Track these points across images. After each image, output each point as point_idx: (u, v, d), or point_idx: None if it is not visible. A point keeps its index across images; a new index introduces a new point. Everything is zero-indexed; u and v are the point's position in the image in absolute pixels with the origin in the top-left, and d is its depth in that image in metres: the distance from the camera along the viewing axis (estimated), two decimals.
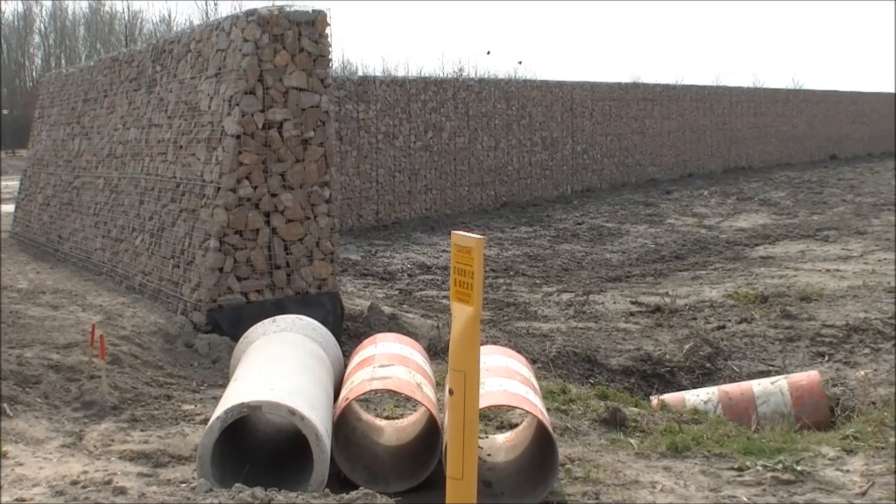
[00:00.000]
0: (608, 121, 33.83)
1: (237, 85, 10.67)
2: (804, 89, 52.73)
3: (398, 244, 21.30)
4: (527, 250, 20.64)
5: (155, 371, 9.06)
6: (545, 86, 31.11)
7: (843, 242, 20.95)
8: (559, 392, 8.88)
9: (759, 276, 17.06)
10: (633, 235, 22.99)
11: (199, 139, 11.49)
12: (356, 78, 24.77)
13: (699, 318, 13.88)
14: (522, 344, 11.79)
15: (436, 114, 26.22)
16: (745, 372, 11.56)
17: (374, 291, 15.59)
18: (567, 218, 26.09)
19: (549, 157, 30.81)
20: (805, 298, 14.62)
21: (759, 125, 43.99)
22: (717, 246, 21.15)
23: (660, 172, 36.64)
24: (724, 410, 9.55)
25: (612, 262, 19.44)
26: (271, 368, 6.76)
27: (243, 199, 10.59)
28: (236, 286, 10.58)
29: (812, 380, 9.78)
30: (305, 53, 10.91)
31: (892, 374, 10.90)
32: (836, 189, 33.36)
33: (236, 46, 10.87)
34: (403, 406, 8.27)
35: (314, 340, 7.96)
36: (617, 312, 14.43)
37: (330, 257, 11.26)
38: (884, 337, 12.42)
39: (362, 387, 6.66)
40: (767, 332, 12.91)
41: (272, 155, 10.73)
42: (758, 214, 27.00)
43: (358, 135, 23.77)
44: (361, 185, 23.84)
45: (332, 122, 11.58)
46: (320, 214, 11.13)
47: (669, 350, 12.11)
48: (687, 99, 38.84)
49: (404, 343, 8.05)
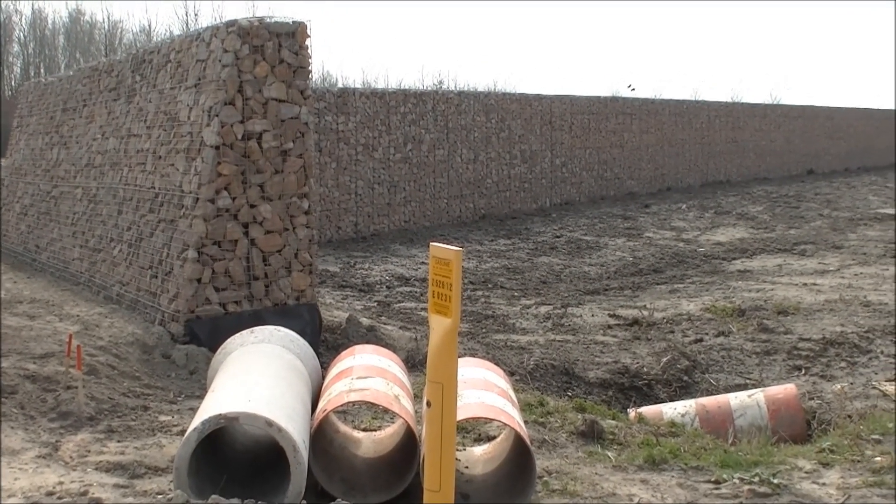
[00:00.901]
0: (587, 134, 33.93)
1: (217, 95, 10.66)
2: (782, 104, 53.06)
3: (377, 256, 21.30)
4: (505, 263, 20.66)
5: (132, 382, 9.02)
6: (524, 99, 31.18)
7: (820, 256, 21.05)
8: (537, 404, 8.89)
9: (736, 290, 17.12)
10: (612, 249, 23.04)
11: (178, 149, 11.47)
12: (336, 90, 24.78)
13: (677, 331, 13.92)
14: (500, 356, 11.80)
15: (415, 126, 26.25)
16: (722, 385, 11.60)
17: (353, 303, 15.58)
18: (545, 231, 26.13)
19: (527, 170, 30.87)
20: (782, 312, 14.68)
21: (737, 139, 44.17)
22: (695, 259, 21.22)
23: (638, 186, 36.75)
24: (702, 423, 9.57)
25: (590, 275, 19.48)
26: (249, 380, 6.74)
27: (222, 210, 10.57)
28: (214, 297, 10.55)
29: (789, 393, 9.83)
30: (285, 65, 10.91)
31: (869, 387, 10.96)
32: (813, 203, 33.52)
33: (216, 57, 10.86)
34: (381, 418, 8.27)
35: (292, 352, 7.94)
36: (595, 325, 14.46)
37: (308, 269, 11.25)
38: (860, 350, 12.49)
39: (340, 398, 6.65)
40: (745, 345, 12.96)
41: (251, 166, 10.72)
42: (735, 228, 27.10)
43: (337, 146, 23.77)
44: (340, 196, 23.84)
45: (312, 134, 11.57)
46: (299, 226, 11.12)
47: (647, 363, 12.14)
48: (665, 113, 38.98)
49: (382, 355, 8.04)
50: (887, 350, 12.48)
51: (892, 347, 12.59)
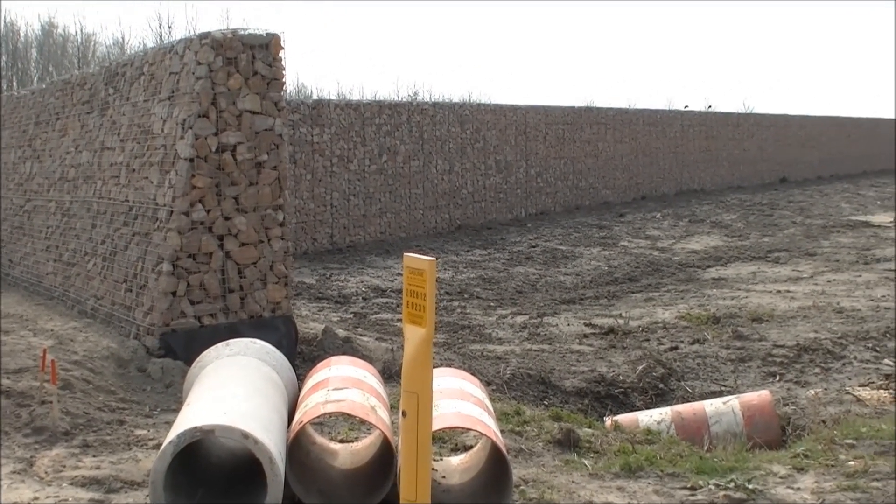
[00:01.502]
0: (562, 144, 34.00)
1: (190, 108, 10.64)
2: (755, 113, 53.26)
3: (353, 267, 21.28)
4: (481, 273, 20.68)
5: (107, 396, 8.99)
6: (499, 109, 31.24)
7: (794, 264, 21.16)
8: (513, 414, 8.90)
9: (711, 298, 17.18)
10: (587, 258, 23.09)
11: (151, 162, 11.45)
12: (310, 101, 24.76)
13: (652, 339, 13.96)
14: (477, 366, 11.81)
15: (390, 137, 26.26)
16: (697, 392, 11.64)
17: (329, 315, 15.57)
18: (521, 241, 26.16)
19: (503, 180, 30.91)
20: (756, 319, 14.75)
21: (711, 149, 44.35)
22: (670, 268, 21.29)
23: (613, 195, 36.85)
24: (677, 430, 9.60)
25: (565, 284, 19.52)
26: (224, 392, 6.73)
27: (196, 223, 10.55)
28: (189, 310, 10.53)
29: (763, 399, 9.87)
30: (259, 77, 10.91)
31: (842, 393, 11.02)
32: (786, 211, 33.70)
33: (189, 69, 10.84)
34: (358, 429, 8.26)
35: (268, 364, 7.93)
36: (571, 334, 14.49)
37: (284, 281, 11.24)
38: (833, 356, 12.56)
39: (316, 410, 6.65)
40: (719, 352, 13.01)
41: (225, 178, 10.71)
42: (710, 236, 27.21)
43: (312, 158, 23.75)
44: (316, 208, 23.82)
45: (286, 146, 11.57)
46: (274, 238, 11.11)
47: (623, 371, 12.18)
48: (639, 123, 39.11)
49: (358, 366, 8.04)
50: (860, 356, 12.56)
51: (866, 353, 12.67)
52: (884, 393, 10.84)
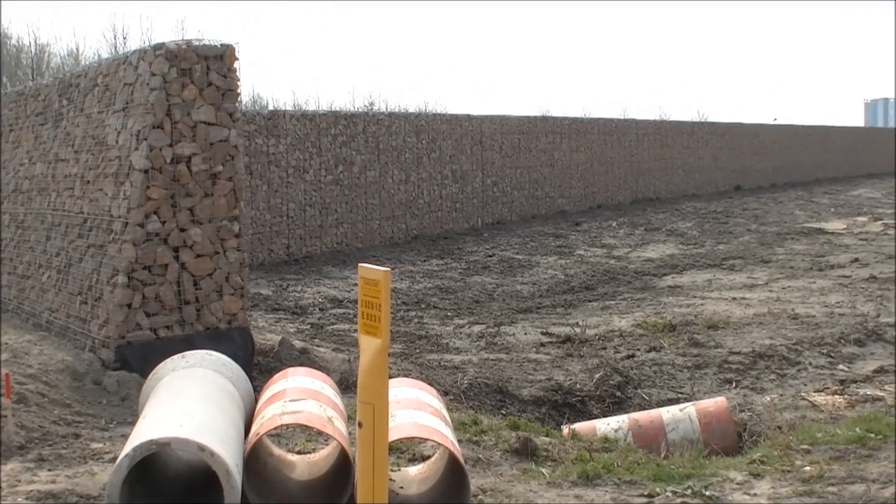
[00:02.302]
0: (517, 154, 34.08)
1: (145, 119, 10.60)
2: (709, 122, 53.67)
3: (309, 278, 21.23)
4: (438, 283, 20.69)
5: (63, 409, 8.93)
6: (455, 119, 31.28)
7: (749, 271, 21.31)
8: (471, 423, 8.92)
9: (667, 306, 17.27)
10: (544, 267, 23.14)
11: (106, 174, 11.39)
12: (266, 112, 24.70)
13: (609, 347, 14.01)
14: (434, 376, 11.82)
15: (346, 148, 26.23)
16: (654, 400, 11.69)
17: (286, 326, 15.52)
18: (478, 250, 26.19)
19: (459, 190, 30.96)
20: (712, 326, 14.83)
21: (666, 157, 44.61)
22: (626, 276, 21.37)
23: (569, 204, 36.97)
24: (635, 438, 9.65)
25: (522, 293, 19.56)
26: (180, 405, 6.71)
27: (151, 235, 10.50)
28: (145, 322, 10.48)
29: (719, 406, 9.94)
30: (214, 87, 10.88)
31: (798, 398, 11.11)
32: (741, 219, 33.93)
33: (144, 80, 10.80)
34: (315, 440, 8.25)
35: (224, 376, 7.91)
36: (528, 343, 14.52)
37: (240, 292, 11.20)
38: (789, 363, 12.66)
39: (273, 421, 6.64)
40: (676, 360, 13.08)
41: (181, 189, 10.67)
42: (665, 245, 27.35)
43: (268, 169, 23.69)
44: (272, 219, 23.76)
45: (242, 157, 11.54)
46: (230, 249, 11.07)
47: (580, 379, 12.21)
48: (595, 132, 39.27)
49: (315, 377, 8.04)
50: (815, 362, 12.66)
51: (821, 359, 12.78)
52: (838, 398, 10.94)
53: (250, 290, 14.10)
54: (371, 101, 40.90)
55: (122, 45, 45.59)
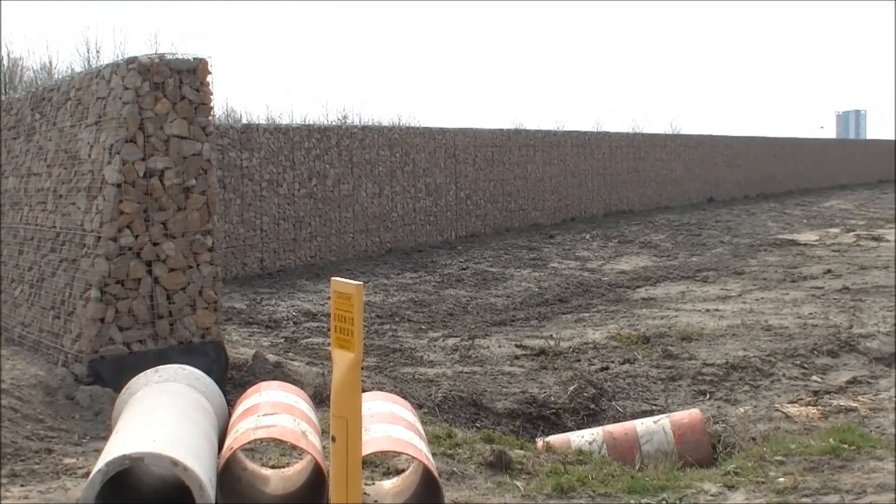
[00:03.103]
0: (491, 167, 34.13)
1: (117, 133, 10.57)
2: (681, 134, 53.88)
3: (283, 292, 21.19)
4: (412, 296, 20.68)
5: (35, 424, 8.88)
6: (428, 132, 31.30)
7: (722, 283, 21.40)
8: (445, 436, 8.91)
9: (640, 318, 17.32)
10: (517, 280, 23.17)
11: (79, 188, 11.34)
12: (239, 126, 24.67)
13: (583, 359, 14.03)
14: (408, 389, 11.81)
15: (320, 161, 26.22)
16: (628, 412, 11.72)
17: (260, 340, 15.48)
18: (452, 263, 26.21)
19: (433, 203, 30.97)
20: (686, 338, 14.89)
21: (639, 169, 44.76)
22: (600, 288, 21.43)
23: (542, 217, 37.03)
24: (609, 450, 9.66)
25: (496, 306, 19.58)
26: (153, 419, 6.68)
27: (124, 249, 10.46)
28: (118, 336, 10.43)
29: (693, 418, 9.97)
30: (187, 101, 10.85)
31: (771, 410, 11.16)
32: (714, 231, 34.09)
33: (116, 94, 10.77)
34: (289, 454, 8.23)
35: (197, 390, 7.88)
36: (502, 356, 14.53)
37: (213, 306, 11.17)
38: (762, 374, 12.72)
39: (247, 436, 6.62)
40: (650, 372, 13.11)
41: (154, 203, 10.63)
42: (639, 257, 27.43)
43: (241, 182, 23.65)
44: (245, 232, 23.71)
45: (215, 170, 11.53)
46: (203, 263, 11.04)
47: (554, 392, 12.22)
48: (568, 145, 39.36)
49: (289, 391, 8.02)
50: (789, 373, 12.73)
51: (794, 370, 12.84)
52: (812, 409, 10.99)
53: (224, 304, 14.05)
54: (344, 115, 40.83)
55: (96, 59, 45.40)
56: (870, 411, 10.69)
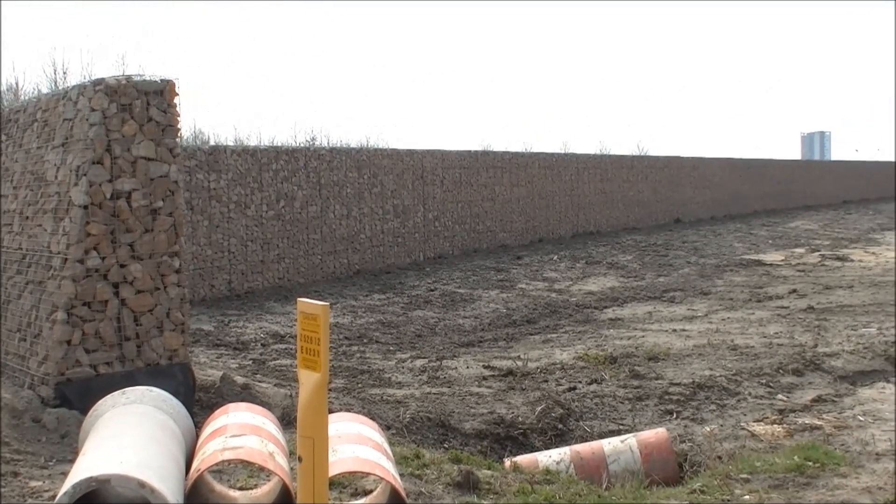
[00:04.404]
0: (459, 188, 34.20)
1: (84, 155, 10.55)
2: (648, 155, 54.08)
3: (251, 314, 21.14)
4: (380, 317, 20.68)
5: (1, 448, 8.84)
6: (396, 154, 31.34)
7: (689, 303, 21.52)
8: (413, 457, 8.92)
9: (608, 338, 17.38)
10: (485, 301, 23.20)
11: (45, 210, 11.31)
12: (207, 147, 24.62)
13: (550, 380, 14.07)
14: (377, 411, 11.81)
15: (287, 183, 26.21)
16: (596, 432, 11.76)
17: (227, 362, 15.45)
18: (420, 284, 26.22)
19: (400, 224, 31.00)
20: (653, 358, 14.96)
21: (606, 191, 44.93)
22: (568, 309, 21.49)
23: (510, 238, 37.11)
24: (576, 470, 9.70)
25: (464, 327, 19.60)
26: (120, 441, 6.67)
27: (91, 270, 10.43)
28: (85, 359, 10.39)
29: (660, 437, 10.02)
30: (154, 123, 10.85)
31: (737, 428, 11.23)
32: (680, 251, 34.25)
33: (83, 116, 10.75)
34: (257, 476, 8.22)
35: (165, 412, 7.87)
36: (470, 377, 14.55)
37: (181, 328, 11.14)
38: (728, 393, 12.79)
39: (214, 457, 6.62)
40: (617, 391, 13.16)
41: (120, 225, 10.62)
42: (606, 277, 27.53)
43: (209, 204, 23.61)
44: (213, 254, 23.66)
45: (182, 192, 11.51)
46: (170, 285, 11.02)
47: (522, 412, 12.25)
48: (535, 166, 39.48)
49: (256, 412, 8.02)
50: (755, 392, 12.81)
51: (760, 389, 12.92)
52: (777, 428, 11.07)
53: (192, 326, 14.03)
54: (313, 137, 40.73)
55: (63, 81, 45.24)
56: (834, 429, 10.78)
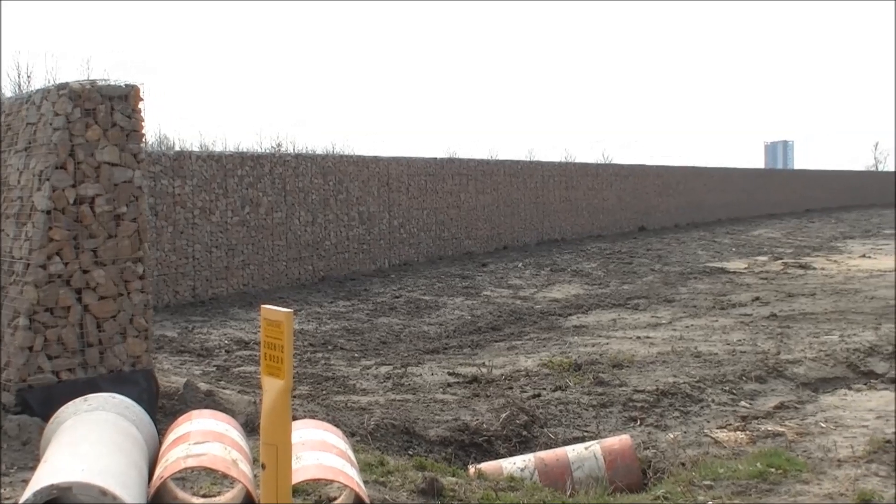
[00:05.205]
0: (424, 195, 34.21)
1: (47, 159, 10.48)
2: (613, 164, 54.39)
3: (215, 320, 21.06)
4: (345, 324, 20.65)
5: None
6: (361, 161, 31.32)
7: (653, 310, 21.61)
8: (377, 464, 8.91)
9: (572, 345, 17.42)
10: (450, 308, 23.21)
11: (7, 215, 11.23)
12: (172, 153, 24.55)
13: (515, 387, 14.08)
14: (341, 417, 11.78)
15: (252, 189, 26.14)
16: (560, 438, 11.77)
17: (191, 368, 15.38)
18: (385, 291, 26.20)
19: (366, 231, 30.97)
20: (617, 365, 15.00)
21: (571, 198, 45.06)
22: (532, 316, 21.52)
23: (475, 245, 37.15)
24: (541, 477, 9.70)
25: (429, 334, 19.60)
26: (82, 448, 6.62)
27: (54, 276, 10.36)
28: (47, 365, 10.31)
29: (624, 444, 10.05)
30: (118, 128, 10.79)
31: (701, 435, 11.27)
32: (645, 259, 34.39)
33: (47, 120, 10.69)
34: (221, 483, 8.18)
35: (127, 419, 7.82)
36: (435, 384, 14.55)
37: (144, 334, 11.08)
38: (692, 400, 12.84)
39: (177, 464, 6.59)
40: (581, 398, 13.19)
41: (84, 231, 10.55)
42: (571, 285, 27.59)
43: (174, 210, 23.51)
44: (178, 260, 23.55)
45: (146, 198, 11.46)
46: (134, 291, 10.96)
47: (486, 419, 12.25)
48: (501, 173, 39.56)
49: (220, 419, 7.99)
50: (718, 399, 12.87)
51: (723, 396, 12.98)
52: (740, 434, 11.13)
53: (155, 333, 13.95)
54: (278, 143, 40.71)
55: (26, 85, 45.03)
56: (797, 436, 10.85)
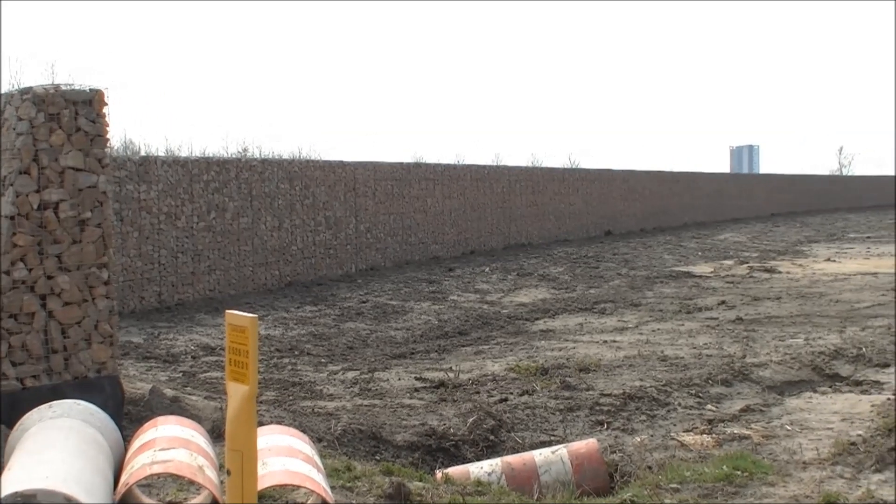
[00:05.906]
0: (391, 200, 34.21)
1: (11, 164, 10.41)
2: (579, 168, 54.57)
3: (182, 326, 20.97)
4: (312, 329, 20.61)
5: None
6: (328, 166, 31.28)
7: (619, 314, 21.68)
8: (344, 470, 8.89)
9: (539, 349, 17.45)
10: (417, 312, 23.20)
11: None
12: (137, 158, 24.41)
13: (482, 391, 14.09)
14: (308, 423, 11.76)
15: (218, 194, 26.05)
16: (527, 443, 11.78)
17: (157, 374, 15.30)
18: (352, 296, 26.16)
19: (332, 236, 30.93)
20: (584, 369, 15.03)
21: (538, 203, 45.16)
22: (499, 321, 21.55)
23: (442, 250, 37.18)
24: (508, 481, 9.71)
25: (396, 339, 19.58)
26: (46, 455, 6.59)
27: (18, 282, 10.29)
28: (11, 372, 10.23)
29: (591, 448, 10.06)
30: (82, 133, 10.73)
31: (667, 438, 11.32)
32: (611, 263, 34.51)
33: (10, 125, 10.61)
34: (187, 490, 8.14)
35: (92, 426, 7.79)
36: (402, 389, 14.54)
37: (109, 340, 11.01)
38: (658, 404, 12.89)
39: (143, 471, 6.56)
40: (548, 403, 13.20)
41: (48, 236, 10.48)
42: (537, 289, 27.64)
43: (139, 215, 23.40)
44: (143, 266, 23.44)
45: (111, 203, 11.39)
46: (99, 297, 10.89)
47: (454, 424, 12.25)
48: (467, 178, 39.61)
49: (186, 426, 7.96)
50: (684, 402, 12.92)
51: (689, 399, 13.03)
52: (706, 437, 11.19)
53: (121, 339, 13.88)
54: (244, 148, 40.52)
55: None
56: (762, 438, 10.91)
